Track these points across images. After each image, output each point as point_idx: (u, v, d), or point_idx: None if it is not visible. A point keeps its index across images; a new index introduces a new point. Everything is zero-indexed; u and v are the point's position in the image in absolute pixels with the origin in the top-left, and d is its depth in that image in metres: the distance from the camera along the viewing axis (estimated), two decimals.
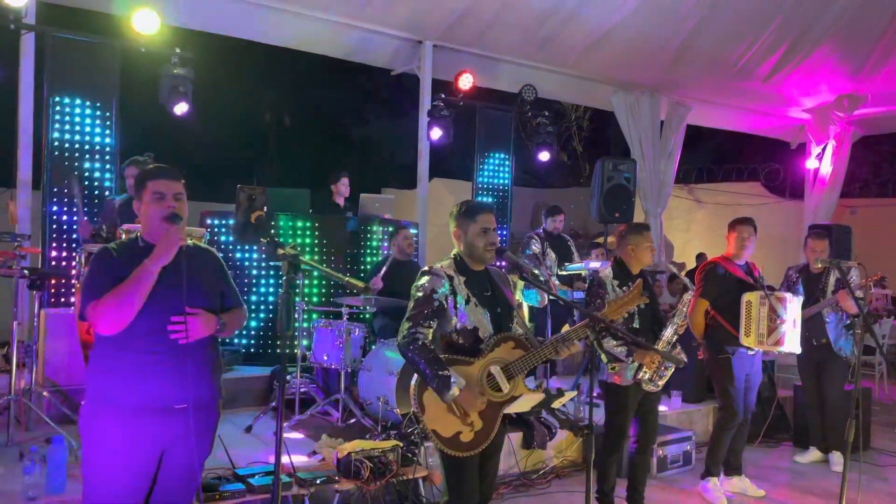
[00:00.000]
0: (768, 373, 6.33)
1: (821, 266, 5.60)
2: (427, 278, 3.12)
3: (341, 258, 7.00)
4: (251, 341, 6.81)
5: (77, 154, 6.16)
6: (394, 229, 6.49)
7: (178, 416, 2.57)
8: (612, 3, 7.69)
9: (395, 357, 5.09)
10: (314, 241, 6.91)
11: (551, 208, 7.39)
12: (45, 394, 4.85)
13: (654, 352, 3.96)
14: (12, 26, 5.71)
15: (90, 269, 2.61)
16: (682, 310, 4.17)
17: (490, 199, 8.68)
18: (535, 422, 5.07)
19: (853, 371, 4.99)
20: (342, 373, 5.46)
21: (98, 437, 2.55)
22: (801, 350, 4.98)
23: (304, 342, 5.79)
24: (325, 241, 6.96)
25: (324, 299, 6.74)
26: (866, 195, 15.19)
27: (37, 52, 6.12)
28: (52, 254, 6.01)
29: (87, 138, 6.19)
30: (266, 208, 5.31)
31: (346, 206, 7.44)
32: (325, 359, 5.58)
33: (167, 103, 6.35)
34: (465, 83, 7.96)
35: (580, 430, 5.22)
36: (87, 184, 6.17)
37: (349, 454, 4.10)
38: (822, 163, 10.94)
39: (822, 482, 5.37)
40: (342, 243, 7.03)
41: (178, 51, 6.33)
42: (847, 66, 9.16)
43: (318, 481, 3.98)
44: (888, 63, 8.97)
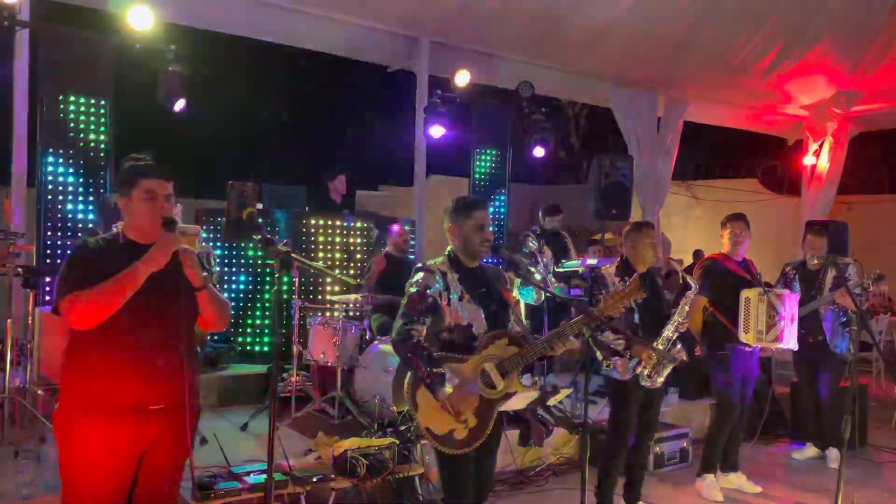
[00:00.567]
0: (765, 369, 6.33)
1: (817, 262, 5.60)
2: (420, 275, 3.11)
3: (336, 255, 6.98)
4: (247, 339, 6.80)
5: (72, 151, 6.13)
6: (389, 227, 6.48)
7: (155, 417, 2.54)
8: None
9: (391, 355, 5.08)
10: (310, 238, 6.90)
11: (551, 208, 7.37)
12: (39, 392, 4.84)
13: (650, 348, 3.96)
14: (6, 23, 5.68)
15: (67, 263, 2.58)
16: (684, 308, 4.16)
17: (487, 196, 8.67)
18: (532, 419, 5.07)
19: (850, 368, 4.99)
20: (338, 370, 5.46)
21: (73, 438, 2.51)
22: (797, 347, 4.97)
23: (300, 340, 5.78)
24: (322, 238, 6.95)
25: (320, 297, 6.73)
26: (863, 192, 15.18)
27: (31, 49, 6.09)
28: (47, 252, 5.98)
29: (82, 135, 6.16)
30: (259, 205, 5.29)
31: (343, 203, 7.42)
32: (322, 356, 5.57)
33: (162, 100, 6.32)
34: (461, 80, 7.94)
35: (575, 427, 5.24)
36: (81, 181, 6.15)
37: (345, 452, 4.09)
38: (819, 159, 10.93)
39: (818, 478, 5.37)
40: (338, 240, 7.01)
41: (174, 47, 6.31)
42: (844, 62, 9.15)
43: (314, 479, 3.97)
44: (885, 59, 8.96)
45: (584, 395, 3.35)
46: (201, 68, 6.77)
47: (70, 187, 6.10)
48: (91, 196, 6.17)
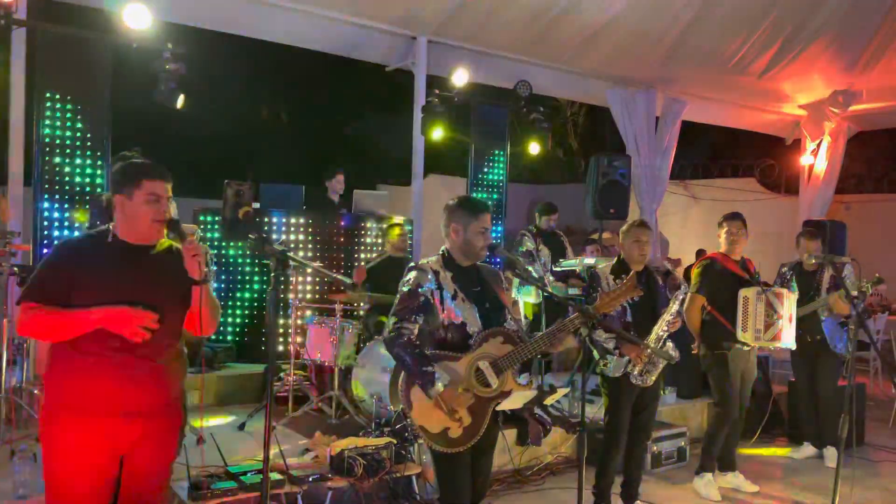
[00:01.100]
0: (762, 369, 6.33)
1: (814, 262, 5.60)
2: (413, 274, 3.11)
3: (335, 255, 6.98)
4: (244, 339, 6.79)
5: (68, 150, 6.12)
6: (387, 226, 6.47)
7: (137, 421, 2.51)
8: None
9: (388, 354, 5.07)
10: (308, 238, 6.89)
11: (546, 207, 7.36)
12: (35, 391, 4.83)
13: (642, 346, 3.96)
14: (3, 22, 5.66)
15: (45, 261, 2.55)
16: (674, 306, 4.16)
17: (485, 195, 8.66)
18: (530, 418, 5.06)
19: (847, 367, 4.99)
20: (336, 370, 5.45)
21: (54, 438, 2.49)
22: (795, 346, 4.97)
23: (298, 339, 5.77)
24: (319, 238, 6.94)
25: (318, 296, 6.72)
26: (861, 191, 15.21)
27: (28, 48, 6.08)
28: (44, 251, 5.96)
29: (79, 134, 6.15)
30: (255, 204, 5.28)
31: (340, 202, 7.41)
32: (319, 356, 5.56)
33: (159, 99, 6.31)
34: (459, 79, 7.93)
35: (572, 426, 5.23)
36: (78, 180, 6.14)
37: (342, 451, 4.09)
38: (816, 159, 10.94)
39: (815, 478, 5.37)
40: (336, 240, 7.01)
41: (170, 46, 6.29)
42: (842, 61, 9.15)
43: (310, 479, 3.97)
44: (883, 58, 8.97)
45: (581, 394, 3.35)
46: (198, 67, 6.73)
47: (67, 186, 6.08)
48: (88, 196, 6.15)
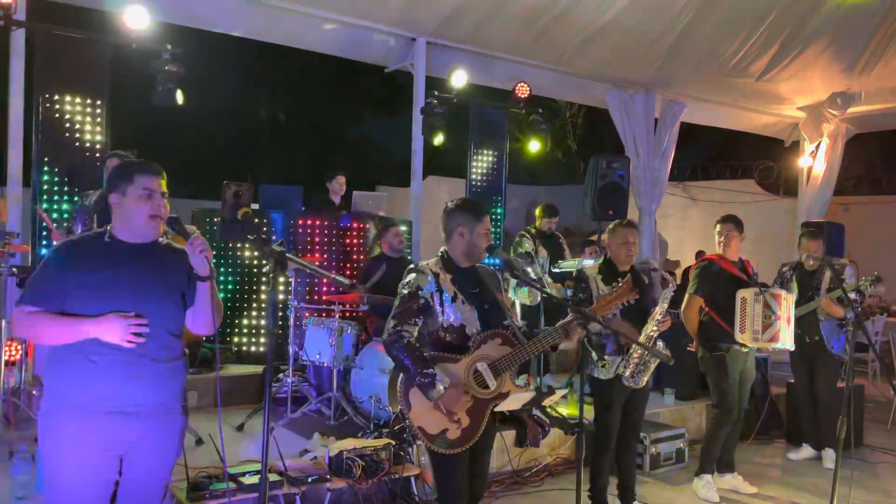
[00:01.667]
0: (761, 370, 6.33)
1: (814, 263, 5.61)
2: (412, 276, 3.11)
3: (333, 255, 6.98)
4: (243, 339, 6.79)
5: (68, 151, 6.12)
6: (384, 226, 6.47)
7: (135, 421, 2.50)
8: None
9: (387, 355, 5.07)
10: (306, 238, 6.89)
11: (547, 209, 7.36)
12: (34, 392, 4.83)
13: (638, 345, 3.96)
14: (2, 22, 5.67)
15: (43, 264, 2.55)
16: (663, 306, 4.13)
17: (484, 196, 8.67)
18: (528, 420, 5.07)
19: (846, 368, 4.99)
20: (334, 371, 5.45)
21: (53, 440, 2.48)
22: (794, 347, 4.97)
23: (297, 340, 5.77)
24: (318, 239, 6.94)
25: (316, 297, 6.72)
26: (859, 193, 15.23)
27: (27, 49, 6.08)
28: (42, 252, 5.97)
29: (78, 135, 6.15)
30: (254, 205, 5.28)
31: (341, 203, 7.41)
32: (318, 357, 5.57)
33: (159, 100, 6.31)
34: (458, 80, 7.94)
35: (570, 427, 5.23)
36: (77, 181, 6.13)
37: (341, 452, 4.09)
38: (815, 160, 10.95)
39: (814, 479, 5.38)
40: (334, 241, 7.01)
41: (170, 47, 6.30)
42: (840, 63, 9.15)
43: (309, 480, 3.97)
44: (881, 60, 8.98)
45: (580, 396, 3.35)
46: (198, 68, 6.75)
47: (66, 187, 6.08)
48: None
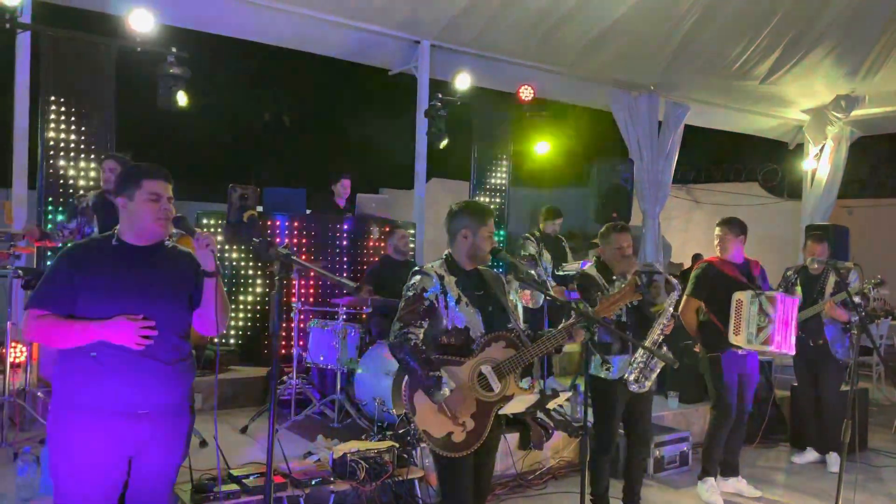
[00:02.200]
0: (765, 373, 6.32)
1: (818, 267, 5.60)
2: (417, 278, 3.11)
3: (338, 258, 6.98)
4: (247, 342, 6.79)
5: (72, 153, 6.14)
6: (390, 229, 6.48)
7: (144, 422, 2.52)
8: (610, 2, 7.69)
9: (391, 358, 5.07)
10: (311, 241, 6.90)
11: (552, 211, 7.35)
12: (39, 394, 4.84)
13: (644, 348, 3.95)
14: (8, 25, 5.69)
15: (52, 268, 2.56)
16: (668, 310, 4.12)
17: (488, 199, 8.68)
18: (532, 422, 5.06)
19: (850, 372, 4.98)
20: (338, 373, 5.45)
21: (61, 440, 2.50)
22: (797, 351, 4.95)
23: (301, 342, 5.78)
24: (322, 241, 6.95)
25: (320, 300, 6.73)
26: (863, 196, 15.18)
27: (32, 52, 6.10)
28: (47, 254, 5.98)
29: (83, 137, 6.17)
30: (259, 208, 5.29)
31: (346, 206, 7.42)
32: (322, 359, 5.57)
33: (163, 102, 6.33)
34: (462, 83, 7.95)
35: (574, 430, 5.23)
36: (82, 183, 6.16)
37: (345, 455, 4.09)
38: (819, 163, 10.94)
39: (818, 483, 5.36)
40: (338, 243, 7.02)
41: (175, 50, 6.32)
42: (844, 66, 9.16)
43: (313, 482, 3.97)
44: (886, 64, 8.97)
45: (584, 399, 3.35)
46: (202, 71, 6.77)
47: (71, 189, 6.11)
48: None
